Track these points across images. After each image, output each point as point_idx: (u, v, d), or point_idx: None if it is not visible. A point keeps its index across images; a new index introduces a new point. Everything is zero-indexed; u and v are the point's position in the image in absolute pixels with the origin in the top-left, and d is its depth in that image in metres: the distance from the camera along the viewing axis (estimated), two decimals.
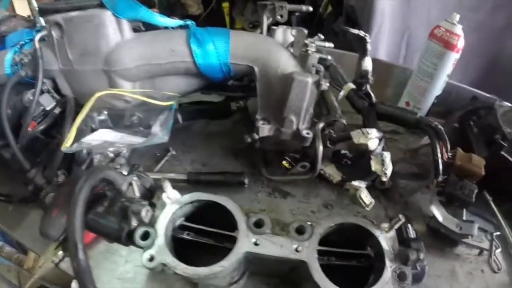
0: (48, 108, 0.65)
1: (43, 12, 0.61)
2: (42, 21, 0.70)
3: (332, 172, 0.62)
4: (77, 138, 0.58)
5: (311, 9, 0.64)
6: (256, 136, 0.63)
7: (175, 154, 0.66)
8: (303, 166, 0.60)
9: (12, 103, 0.65)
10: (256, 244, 0.42)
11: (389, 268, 0.41)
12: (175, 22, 0.57)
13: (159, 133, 0.59)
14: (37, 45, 0.60)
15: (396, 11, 1.01)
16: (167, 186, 0.46)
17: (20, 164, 0.64)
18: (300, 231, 0.43)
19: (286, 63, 0.54)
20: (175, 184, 0.60)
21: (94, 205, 0.49)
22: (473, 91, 0.77)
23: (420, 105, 0.71)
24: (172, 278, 0.54)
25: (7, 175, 0.72)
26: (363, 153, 0.61)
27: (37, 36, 0.60)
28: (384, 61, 0.79)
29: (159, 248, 0.43)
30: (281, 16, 0.62)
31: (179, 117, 0.65)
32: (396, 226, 0.44)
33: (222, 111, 0.66)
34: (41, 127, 0.64)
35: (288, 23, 0.70)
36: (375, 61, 0.65)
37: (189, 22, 0.57)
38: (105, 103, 0.60)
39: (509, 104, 0.68)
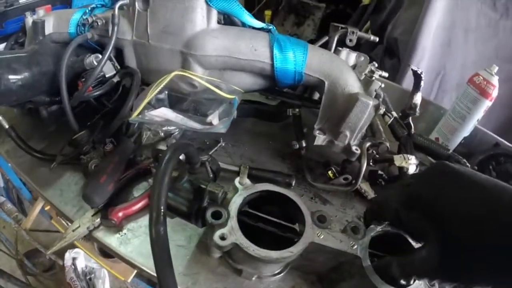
0: (107, 76, 0.71)
1: None
2: None
3: (367, 188, 0.74)
4: (140, 111, 0.66)
5: (377, 39, 0.77)
6: (304, 144, 0.74)
7: (223, 146, 0.75)
8: (346, 179, 0.71)
9: (71, 63, 0.70)
10: (318, 236, 0.52)
11: None
12: (259, 23, 0.67)
13: (220, 124, 0.68)
14: (116, 11, 0.66)
15: (436, 50, 1.17)
16: (245, 172, 0.55)
17: (69, 124, 0.69)
18: (355, 230, 0.54)
19: (353, 84, 0.66)
20: (225, 174, 0.69)
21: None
22: (496, 138, 0.91)
23: (449, 143, 0.86)
24: (215, 262, 0.61)
25: (40, 132, 0.77)
26: (397, 176, 0.74)
27: (118, 3, 0.67)
28: (422, 96, 0.93)
29: (232, 228, 0.50)
30: (351, 40, 0.75)
31: (235, 112, 0.74)
32: None
33: (276, 115, 0.76)
34: (97, 93, 0.70)
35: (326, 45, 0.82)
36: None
37: (271, 26, 0.67)
38: (173, 83, 0.68)
39: None
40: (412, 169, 0.69)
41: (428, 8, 1.19)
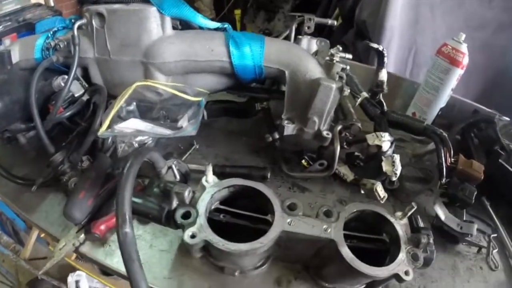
0: (76, 95, 0.74)
1: (83, 1, 0.70)
2: None
3: (346, 171, 0.74)
4: (109, 125, 0.68)
5: (335, 23, 0.77)
6: (277, 136, 0.74)
7: (198, 148, 0.76)
8: (321, 164, 0.72)
9: (40, 87, 0.73)
10: (289, 224, 0.53)
11: (404, 249, 0.52)
12: (214, 24, 0.68)
13: (188, 126, 0.69)
14: (75, 32, 0.69)
15: (404, 28, 1.17)
16: (209, 170, 0.56)
17: (45, 148, 0.72)
18: (328, 214, 0.55)
19: (314, 70, 0.66)
20: (200, 175, 0.70)
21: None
22: (475, 105, 0.90)
23: (426, 116, 0.85)
24: (197, 262, 0.63)
25: (21, 159, 0.80)
26: (374, 156, 0.74)
27: (77, 24, 0.69)
28: (395, 74, 0.93)
29: (201, 226, 0.51)
30: (309, 27, 0.75)
31: (205, 113, 0.75)
32: (409, 213, 0.56)
33: (246, 111, 0.77)
34: (69, 113, 0.72)
35: (298, 33, 0.83)
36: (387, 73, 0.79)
37: (226, 25, 0.69)
38: (138, 94, 0.70)
39: (508, 119, 0.82)
40: (386, 146, 0.69)
41: None
